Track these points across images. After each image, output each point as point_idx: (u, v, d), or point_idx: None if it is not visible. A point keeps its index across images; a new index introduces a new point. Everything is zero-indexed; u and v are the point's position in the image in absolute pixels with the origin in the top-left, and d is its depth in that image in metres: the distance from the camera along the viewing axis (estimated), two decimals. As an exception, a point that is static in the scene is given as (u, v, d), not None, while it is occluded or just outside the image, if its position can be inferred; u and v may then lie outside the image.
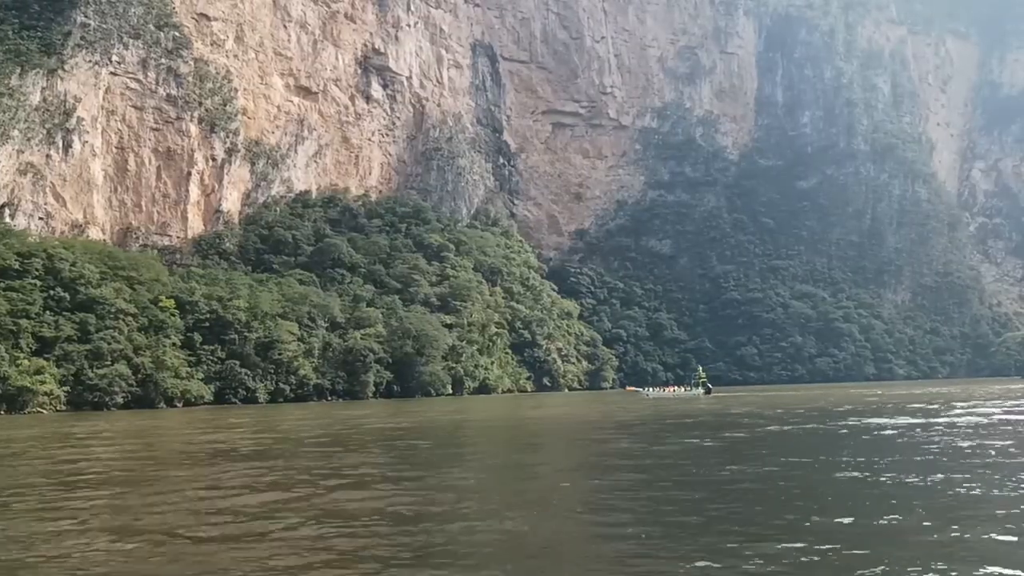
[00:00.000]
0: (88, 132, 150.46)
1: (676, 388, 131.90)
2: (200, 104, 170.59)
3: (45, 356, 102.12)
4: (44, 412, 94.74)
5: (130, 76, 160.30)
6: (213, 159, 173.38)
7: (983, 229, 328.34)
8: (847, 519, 16.21)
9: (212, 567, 13.77)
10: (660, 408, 72.62)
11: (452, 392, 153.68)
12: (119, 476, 27.21)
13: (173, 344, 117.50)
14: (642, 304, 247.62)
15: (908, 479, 21.64)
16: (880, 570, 12.52)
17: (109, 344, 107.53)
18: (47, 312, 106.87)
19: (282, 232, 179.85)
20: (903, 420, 46.33)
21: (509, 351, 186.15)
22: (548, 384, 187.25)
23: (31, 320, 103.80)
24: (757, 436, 37.91)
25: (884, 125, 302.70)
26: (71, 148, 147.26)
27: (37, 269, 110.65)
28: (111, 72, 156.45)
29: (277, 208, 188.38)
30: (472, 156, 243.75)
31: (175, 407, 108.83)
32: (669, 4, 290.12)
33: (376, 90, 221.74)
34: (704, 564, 13.08)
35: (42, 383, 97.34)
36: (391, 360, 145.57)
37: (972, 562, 12.95)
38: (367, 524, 17.07)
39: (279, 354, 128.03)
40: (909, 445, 31.84)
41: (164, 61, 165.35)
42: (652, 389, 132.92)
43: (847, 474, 23.01)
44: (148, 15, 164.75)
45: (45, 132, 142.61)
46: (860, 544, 14.10)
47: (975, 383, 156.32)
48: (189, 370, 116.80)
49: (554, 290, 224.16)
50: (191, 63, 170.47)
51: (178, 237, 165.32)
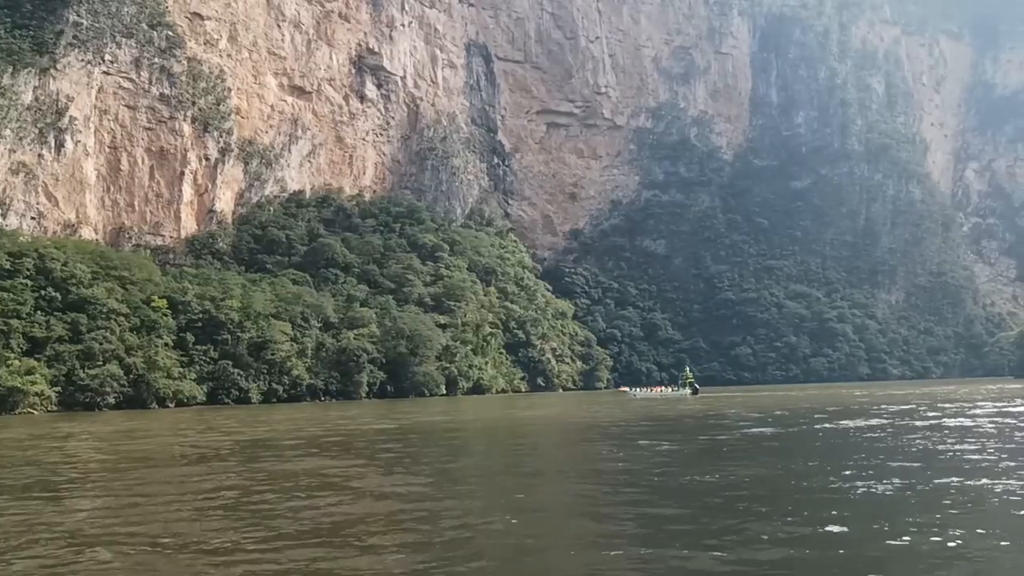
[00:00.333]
0: (81, 131, 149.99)
1: (663, 388, 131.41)
2: (193, 103, 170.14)
3: (36, 356, 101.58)
4: (35, 413, 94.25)
5: (123, 75, 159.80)
6: (206, 159, 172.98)
7: (977, 229, 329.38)
8: (807, 527, 15.99)
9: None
10: (642, 409, 72.26)
11: (446, 392, 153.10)
12: (55, 481, 26.63)
13: (165, 344, 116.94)
14: (636, 304, 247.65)
15: (861, 485, 21.21)
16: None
17: (101, 344, 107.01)
18: (38, 312, 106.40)
19: (276, 232, 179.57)
20: (875, 421, 46.21)
21: (503, 351, 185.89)
22: (542, 384, 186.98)
23: (22, 320, 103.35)
24: (730, 440, 37.51)
25: (878, 125, 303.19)
26: (63, 147, 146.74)
27: (28, 269, 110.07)
28: (104, 71, 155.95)
29: (271, 208, 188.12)
30: (466, 156, 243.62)
31: (167, 408, 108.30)
32: (663, 4, 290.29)
33: (370, 90, 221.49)
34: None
35: (33, 383, 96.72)
36: (385, 360, 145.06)
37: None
38: (285, 532, 16.70)
39: (272, 354, 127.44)
40: (877, 448, 31.65)
41: (157, 60, 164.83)
42: (639, 389, 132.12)
43: (812, 481, 22.39)
44: (141, 14, 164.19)
45: (37, 131, 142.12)
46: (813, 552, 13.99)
47: (967, 383, 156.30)
48: (181, 370, 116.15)
49: (548, 290, 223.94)
50: (184, 62, 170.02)
51: (171, 237, 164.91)
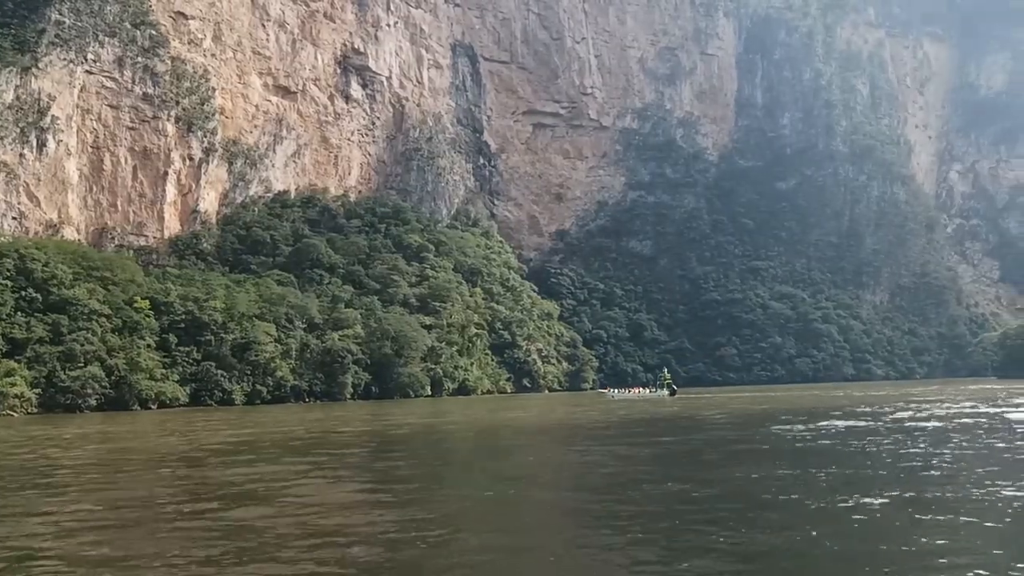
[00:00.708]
0: (63, 131, 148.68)
1: (641, 389, 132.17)
2: (177, 103, 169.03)
3: (16, 358, 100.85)
4: (15, 415, 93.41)
5: (106, 75, 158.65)
6: (190, 159, 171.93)
7: (960, 230, 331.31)
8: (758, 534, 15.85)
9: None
10: (617, 411, 72.16)
11: (431, 393, 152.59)
12: None
13: (148, 345, 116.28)
14: (622, 305, 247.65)
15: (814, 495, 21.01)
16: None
17: (82, 345, 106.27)
18: (18, 313, 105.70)
19: (260, 232, 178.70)
20: (847, 423, 46.38)
21: (489, 352, 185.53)
22: (528, 385, 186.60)
23: (1, 321, 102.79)
24: (690, 446, 37.35)
25: (863, 127, 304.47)
26: (45, 147, 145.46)
27: (8, 269, 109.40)
28: (86, 70, 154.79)
29: (255, 208, 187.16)
30: (452, 156, 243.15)
31: (150, 409, 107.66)
32: (649, 5, 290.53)
33: (356, 90, 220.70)
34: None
35: (12, 385, 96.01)
36: (369, 361, 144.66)
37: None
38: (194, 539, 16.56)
39: (256, 355, 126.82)
40: (843, 453, 31.63)
41: (140, 60, 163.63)
42: (617, 390, 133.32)
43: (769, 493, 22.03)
44: (124, 13, 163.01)
45: (19, 131, 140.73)
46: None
47: (949, 383, 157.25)
48: (164, 372, 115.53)
49: (534, 291, 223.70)
50: (168, 62, 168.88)
51: (154, 237, 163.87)
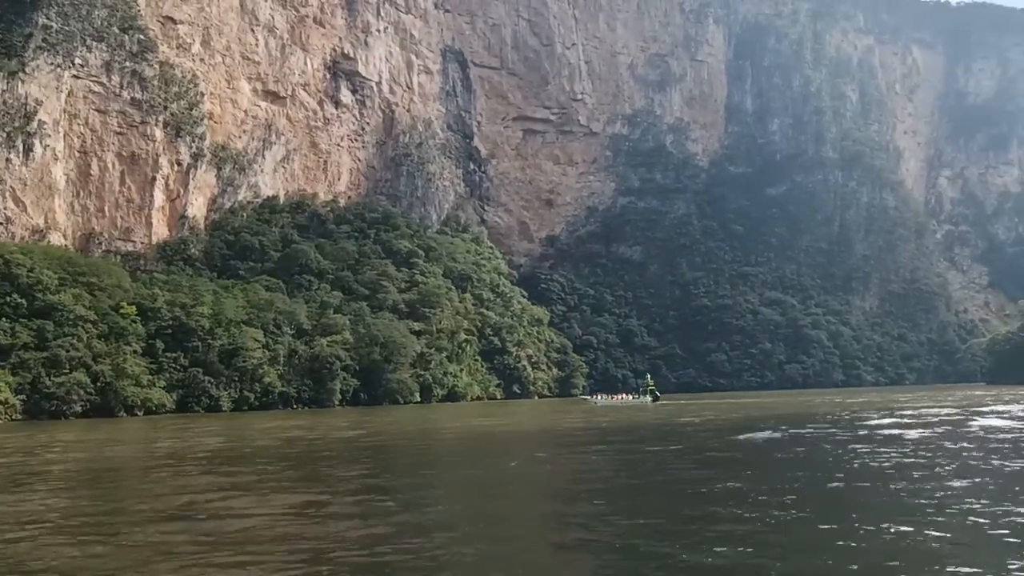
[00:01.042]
0: (50, 136, 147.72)
1: (624, 396, 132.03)
2: (165, 108, 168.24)
3: (0, 364, 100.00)
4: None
5: (93, 79, 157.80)
6: (179, 164, 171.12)
7: (949, 236, 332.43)
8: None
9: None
10: (599, 418, 71.88)
11: (420, 400, 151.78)
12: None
13: (134, 351, 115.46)
14: (612, 311, 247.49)
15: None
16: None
17: (67, 351, 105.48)
18: (3, 319, 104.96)
19: (249, 238, 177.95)
20: (816, 430, 46.29)
21: (478, 358, 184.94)
22: (518, 391, 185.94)
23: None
24: (655, 453, 37.02)
25: (852, 133, 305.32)
26: (32, 152, 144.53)
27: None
28: (74, 75, 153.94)
29: (244, 214, 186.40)
30: (442, 162, 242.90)
31: (136, 416, 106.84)
32: (639, 12, 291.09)
33: (345, 95, 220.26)
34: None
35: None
36: (358, 367, 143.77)
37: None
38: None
39: (243, 361, 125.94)
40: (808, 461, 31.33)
41: (129, 64, 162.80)
42: (600, 397, 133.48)
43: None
44: (112, 17, 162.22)
45: (5, 135, 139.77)
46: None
47: (937, 390, 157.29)
48: (150, 378, 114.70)
49: (524, 297, 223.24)
50: (156, 66, 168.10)
51: (142, 243, 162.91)
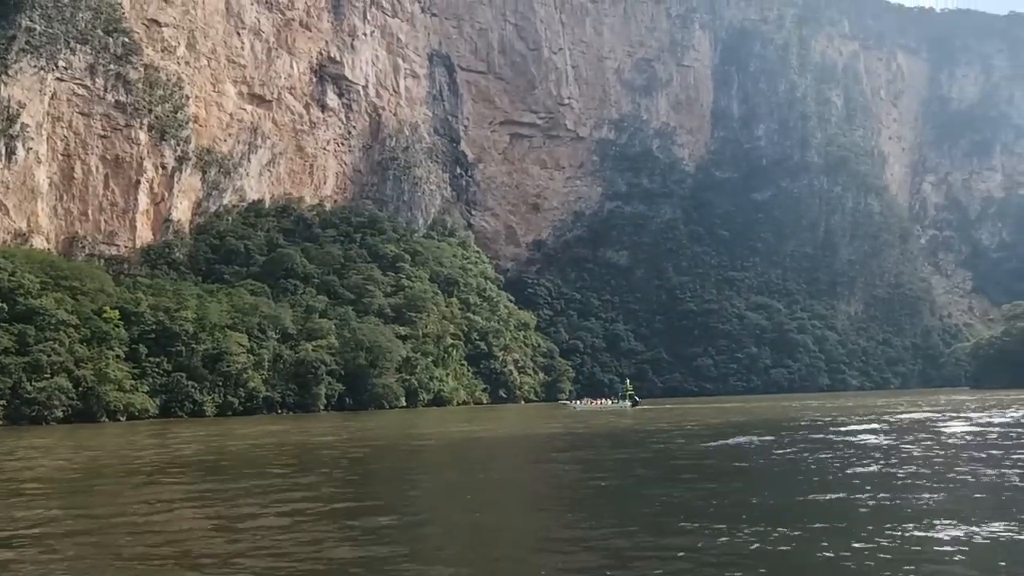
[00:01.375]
0: (33, 139, 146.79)
1: (604, 401, 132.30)
2: (150, 111, 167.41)
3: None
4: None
5: (77, 82, 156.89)
6: (163, 167, 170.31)
7: (934, 241, 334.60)
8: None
9: None
10: (576, 423, 71.79)
11: (406, 404, 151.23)
12: None
13: (117, 356, 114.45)
14: (599, 315, 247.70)
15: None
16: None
17: (49, 356, 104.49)
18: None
19: (234, 242, 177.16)
20: (789, 436, 46.21)
21: (465, 363, 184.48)
22: (504, 396, 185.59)
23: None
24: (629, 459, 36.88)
25: (837, 138, 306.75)
26: (15, 155, 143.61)
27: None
28: (57, 78, 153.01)
29: (229, 217, 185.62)
30: (429, 166, 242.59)
31: (118, 421, 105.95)
32: (626, 17, 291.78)
33: (331, 99, 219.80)
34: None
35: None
36: (344, 372, 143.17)
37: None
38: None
39: (228, 366, 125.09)
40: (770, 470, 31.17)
41: (113, 67, 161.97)
42: (579, 402, 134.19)
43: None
44: (96, 20, 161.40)
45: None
46: None
47: (920, 394, 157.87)
48: (133, 383, 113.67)
49: (511, 301, 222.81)
50: (141, 69, 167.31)
51: (126, 247, 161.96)
